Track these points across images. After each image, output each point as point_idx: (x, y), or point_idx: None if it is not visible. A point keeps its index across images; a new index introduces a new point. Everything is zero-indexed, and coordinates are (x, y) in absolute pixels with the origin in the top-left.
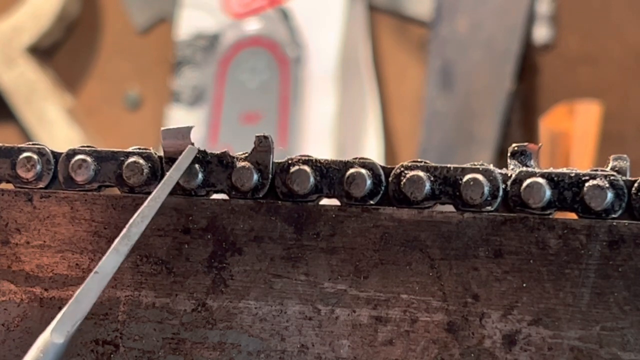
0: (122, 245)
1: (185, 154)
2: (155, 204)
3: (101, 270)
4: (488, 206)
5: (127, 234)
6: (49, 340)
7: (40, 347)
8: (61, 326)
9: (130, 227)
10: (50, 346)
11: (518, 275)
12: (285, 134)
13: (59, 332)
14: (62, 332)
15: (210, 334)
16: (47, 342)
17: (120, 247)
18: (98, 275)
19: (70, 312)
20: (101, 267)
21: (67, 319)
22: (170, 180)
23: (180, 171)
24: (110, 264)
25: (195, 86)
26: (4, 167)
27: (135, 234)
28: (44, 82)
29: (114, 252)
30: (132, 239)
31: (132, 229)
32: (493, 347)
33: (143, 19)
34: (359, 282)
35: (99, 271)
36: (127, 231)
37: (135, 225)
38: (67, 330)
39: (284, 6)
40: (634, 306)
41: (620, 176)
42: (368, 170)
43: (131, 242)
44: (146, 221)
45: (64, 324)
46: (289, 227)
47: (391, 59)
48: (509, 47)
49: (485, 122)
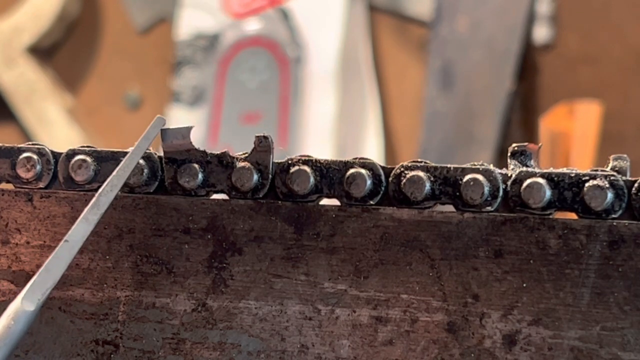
0: (92, 214)
1: (154, 123)
2: (123, 173)
3: (71, 239)
4: (488, 206)
5: (96, 203)
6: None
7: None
8: (32, 294)
9: (100, 197)
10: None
11: (518, 275)
12: (285, 134)
13: (29, 300)
14: (32, 299)
15: (210, 334)
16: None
17: (89, 215)
18: (68, 243)
19: (40, 280)
20: (71, 235)
21: (37, 287)
22: (139, 150)
23: (149, 140)
24: (79, 232)
25: (195, 86)
26: (4, 167)
27: (104, 203)
28: (44, 82)
29: (83, 221)
30: (101, 208)
31: (101, 198)
32: (493, 347)
33: (143, 19)
34: (359, 282)
35: (68, 239)
36: (96, 200)
37: (105, 194)
38: (37, 298)
39: (284, 6)
40: (634, 306)
41: (620, 176)
42: (368, 170)
43: (100, 211)
44: (115, 190)
45: (34, 292)
46: (289, 227)
47: (391, 59)
48: (509, 47)
49: (485, 122)
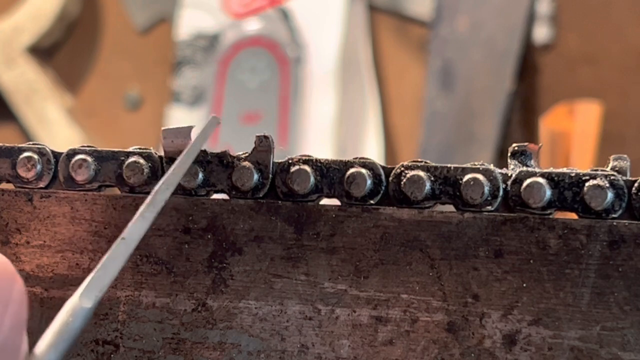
0: (148, 211)
1: (210, 123)
2: (180, 171)
3: (128, 236)
4: (488, 206)
5: (152, 201)
6: (77, 305)
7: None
8: (89, 291)
9: (156, 195)
10: (79, 310)
11: (518, 275)
12: (286, 134)
13: (87, 297)
14: (90, 296)
15: (210, 334)
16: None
17: (146, 213)
18: (125, 241)
19: (97, 277)
20: (128, 232)
21: (94, 284)
22: (195, 148)
23: (205, 139)
24: (137, 229)
25: (195, 86)
26: (4, 167)
27: (160, 201)
28: (44, 82)
29: (140, 219)
30: (157, 206)
31: (157, 196)
32: (493, 347)
33: (143, 19)
34: (359, 282)
35: (125, 237)
36: (152, 198)
37: (161, 192)
38: (95, 294)
39: (284, 6)
40: (634, 306)
41: (621, 176)
42: (368, 170)
43: (156, 209)
44: (171, 188)
45: (92, 289)
46: (289, 227)
47: (391, 59)
48: (509, 47)
49: (485, 122)
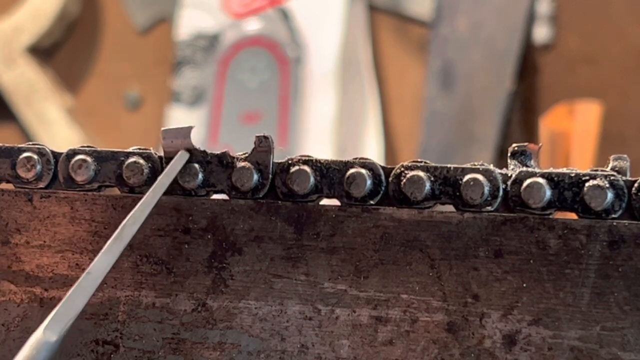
0: (115, 246)
1: (177, 159)
2: (146, 207)
3: (93, 271)
4: (488, 206)
5: (119, 236)
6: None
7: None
8: (54, 324)
9: (123, 229)
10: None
11: (518, 275)
12: (286, 134)
13: (51, 330)
14: (54, 330)
15: (210, 334)
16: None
17: (113, 248)
18: (91, 275)
19: (62, 311)
20: (93, 267)
21: (59, 318)
22: (161, 185)
23: (171, 177)
24: (102, 264)
25: (195, 86)
26: (4, 167)
27: (127, 235)
28: (44, 82)
29: (106, 253)
30: (124, 240)
31: (124, 230)
32: (493, 347)
33: (143, 19)
34: (359, 282)
35: (91, 271)
36: (119, 233)
37: (128, 227)
38: (59, 328)
39: (284, 6)
40: (634, 306)
41: (620, 176)
42: (368, 170)
43: (124, 243)
44: (138, 223)
45: (56, 322)
46: (289, 227)
47: (391, 59)
48: (509, 47)
49: (485, 122)
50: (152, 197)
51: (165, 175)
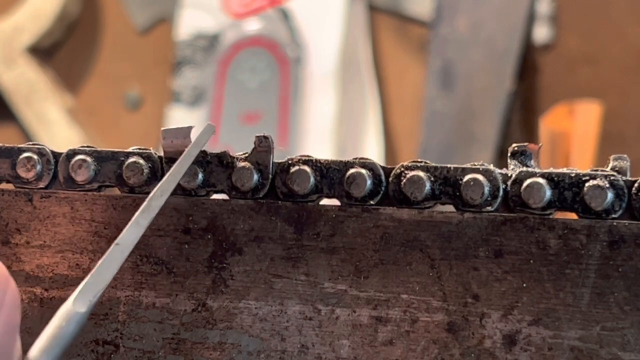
0: (143, 218)
1: (205, 130)
2: (174, 178)
3: (122, 242)
4: (488, 206)
5: (147, 207)
6: (71, 310)
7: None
8: (83, 296)
9: (150, 201)
10: (72, 315)
11: (518, 275)
12: (286, 134)
13: (80, 302)
14: (84, 301)
15: (210, 334)
16: (70, 311)
17: (140, 219)
18: (119, 246)
19: (91, 282)
20: (122, 238)
21: (88, 289)
22: (189, 156)
23: (199, 147)
24: (131, 235)
25: (195, 86)
26: (4, 167)
27: (155, 207)
28: (44, 82)
29: (134, 224)
30: (152, 212)
31: (152, 202)
32: (493, 347)
33: (143, 19)
34: (359, 282)
35: (120, 242)
36: (147, 204)
37: (155, 199)
38: (89, 299)
39: (284, 6)
40: (634, 306)
41: (621, 176)
42: (368, 171)
43: (151, 215)
44: (166, 195)
45: (85, 294)
46: (289, 227)
47: (391, 59)
48: (509, 47)
49: (485, 122)
50: (181, 167)
51: (194, 145)
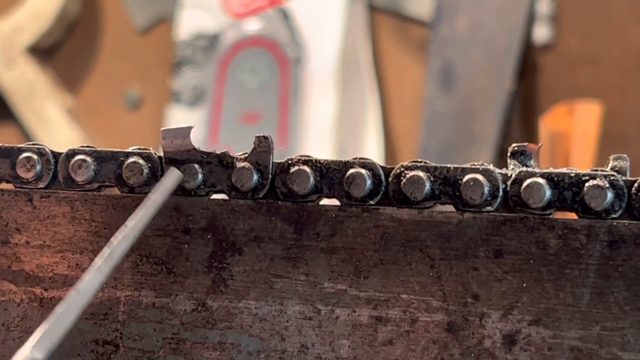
0: (105, 265)
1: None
2: (138, 225)
3: (82, 288)
4: (488, 206)
5: (110, 255)
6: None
7: None
8: (41, 343)
9: (113, 248)
10: None
11: (518, 275)
12: (286, 134)
13: (38, 349)
14: (42, 348)
15: (210, 334)
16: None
17: (103, 266)
18: (79, 293)
19: (50, 329)
20: (82, 285)
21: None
22: (153, 203)
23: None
24: (91, 282)
25: (195, 86)
26: (4, 167)
27: (117, 255)
28: (44, 82)
29: (96, 272)
30: (114, 259)
31: (115, 250)
32: (493, 347)
33: (143, 19)
34: (359, 282)
35: (80, 289)
36: (110, 253)
37: (118, 246)
38: (47, 346)
39: (284, 6)
40: (634, 306)
41: (620, 176)
42: (368, 171)
43: (113, 262)
44: (129, 241)
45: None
46: (289, 227)
47: (391, 59)
48: (509, 47)
49: (485, 122)
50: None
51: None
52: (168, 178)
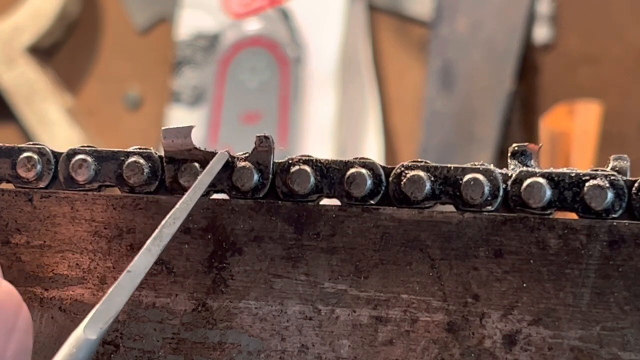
0: (155, 245)
1: (217, 159)
2: (187, 206)
3: (133, 269)
4: (488, 206)
5: (159, 235)
6: (82, 337)
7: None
8: (94, 323)
9: (162, 228)
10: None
11: (518, 275)
12: (286, 134)
13: (91, 329)
14: (94, 329)
15: (210, 334)
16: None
17: (152, 247)
18: (130, 274)
19: (102, 309)
20: (134, 266)
21: (99, 316)
22: (202, 184)
23: (212, 175)
24: (142, 263)
25: (195, 86)
26: (4, 167)
27: (167, 235)
28: (44, 82)
29: (146, 252)
30: (164, 240)
31: (164, 230)
32: (493, 347)
33: (143, 19)
34: (359, 282)
35: (131, 270)
36: (159, 232)
37: (167, 226)
38: (99, 327)
39: (284, 6)
40: (634, 306)
41: (621, 176)
42: (368, 170)
43: (163, 243)
44: (178, 222)
45: (96, 321)
46: (289, 227)
47: (391, 59)
48: (509, 47)
49: (485, 122)
50: (193, 196)
51: (205, 173)
52: (216, 160)
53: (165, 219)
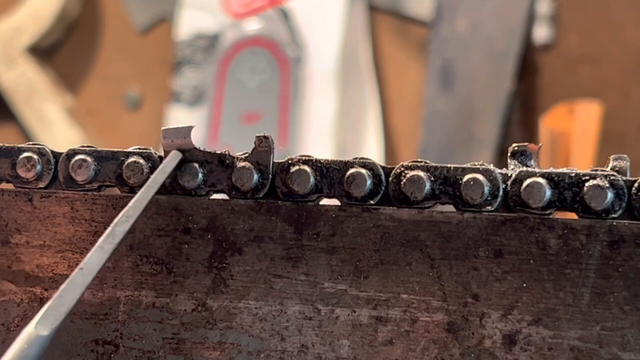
0: (107, 243)
1: (170, 157)
2: (139, 204)
3: (86, 267)
4: (488, 206)
5: (111, 233)
6: (33, 333)
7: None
8: (45, 319)
9: (115, 226)
10: (34, 338)
11: (518, 275)
12: (286, 134)
13: (43, 325)
14: (46, 325)
15: (210, 334)
16: (32, 334)
17: (105, 245)
18: (83, 271)
19: (54, 305)
20: (86, 263)
21: (51, 313)
22: (155, 183)
23: (165, 174)
24: (95, 260)
25: (195, 86)
26: (4, 167)
27: (119, 233)
28: (44, 82)
29: (98, 250)
30: (116, 237)
31: (116, 228)
32: (493, 347)
33: (143, 19)
34: (359, 282)
35: (83, 267)
36: (111, 230)
37: (120, 224)
38: (51, 323)
39: (284, 6)
40: (634, 306)
41: (621, 176)
42: (368, 170)
43: (116, 240)
44: (130, 221)
45: (48, 317)
46: (289, 227)
47: (391, 59)
48: (509, 47)
49: (485, 122)
50: (146, 194)
51: (159, 172)
52: (169, 159)
53: (118, 217)
